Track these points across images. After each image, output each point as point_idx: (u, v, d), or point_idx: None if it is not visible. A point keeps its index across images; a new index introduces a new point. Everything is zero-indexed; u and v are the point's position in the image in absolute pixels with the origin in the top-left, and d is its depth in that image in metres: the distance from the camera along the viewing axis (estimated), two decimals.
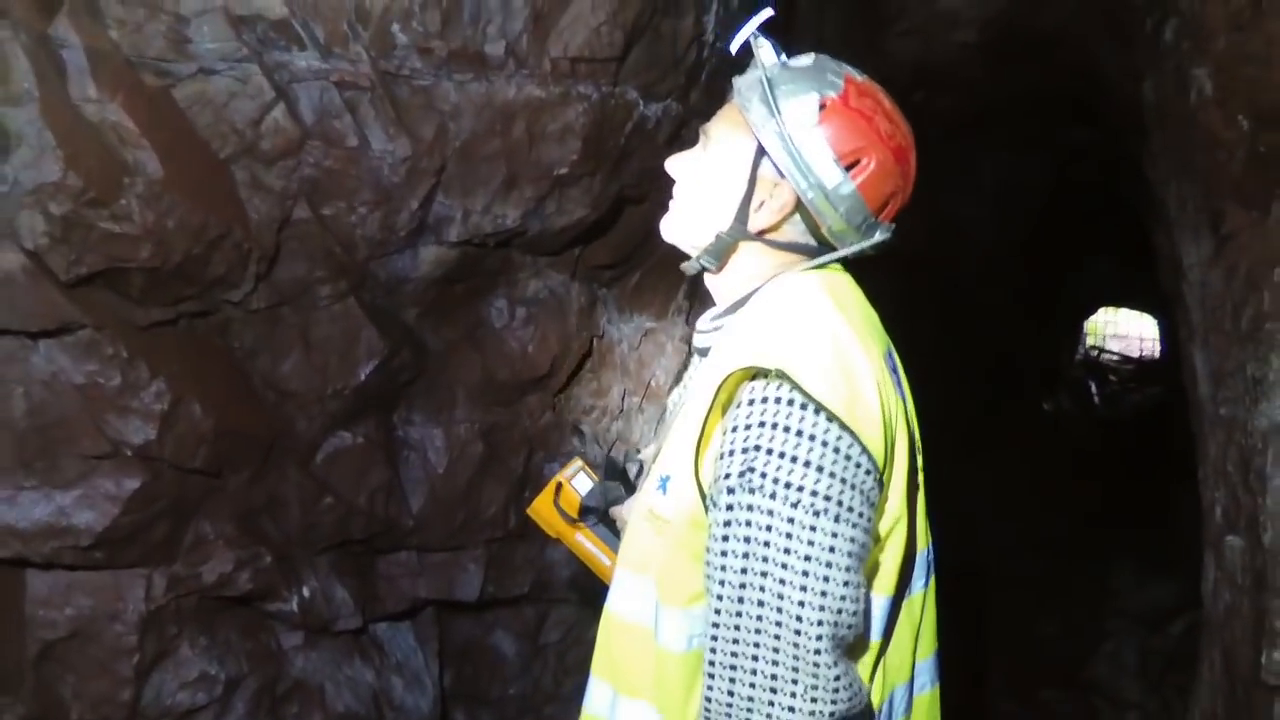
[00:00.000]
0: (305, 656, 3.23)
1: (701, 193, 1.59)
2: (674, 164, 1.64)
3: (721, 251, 1.59)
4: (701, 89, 3.36)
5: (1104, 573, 6.52)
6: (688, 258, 1.66)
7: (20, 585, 2.67)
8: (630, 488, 1.92)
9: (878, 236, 1.56)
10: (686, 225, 1.62)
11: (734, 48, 1.58)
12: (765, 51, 1.56)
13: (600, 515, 1.92)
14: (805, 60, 1.57)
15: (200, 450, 2.77)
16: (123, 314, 2.64)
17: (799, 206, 1.53)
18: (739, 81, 1.58)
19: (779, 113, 1.49)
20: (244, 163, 2.75)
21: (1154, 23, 3.62)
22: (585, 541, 1.94)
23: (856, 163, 1.50)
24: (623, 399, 3.73)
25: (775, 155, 1.50)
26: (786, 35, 4.24)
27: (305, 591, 3.15)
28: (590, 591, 1.95)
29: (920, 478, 1.62)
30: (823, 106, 1.50)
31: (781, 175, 1.51)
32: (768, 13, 1.57)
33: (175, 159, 2.58)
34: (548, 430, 3.56)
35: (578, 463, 1.99)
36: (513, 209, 3.10)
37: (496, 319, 3.38)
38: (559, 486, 1.95)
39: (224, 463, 2.87)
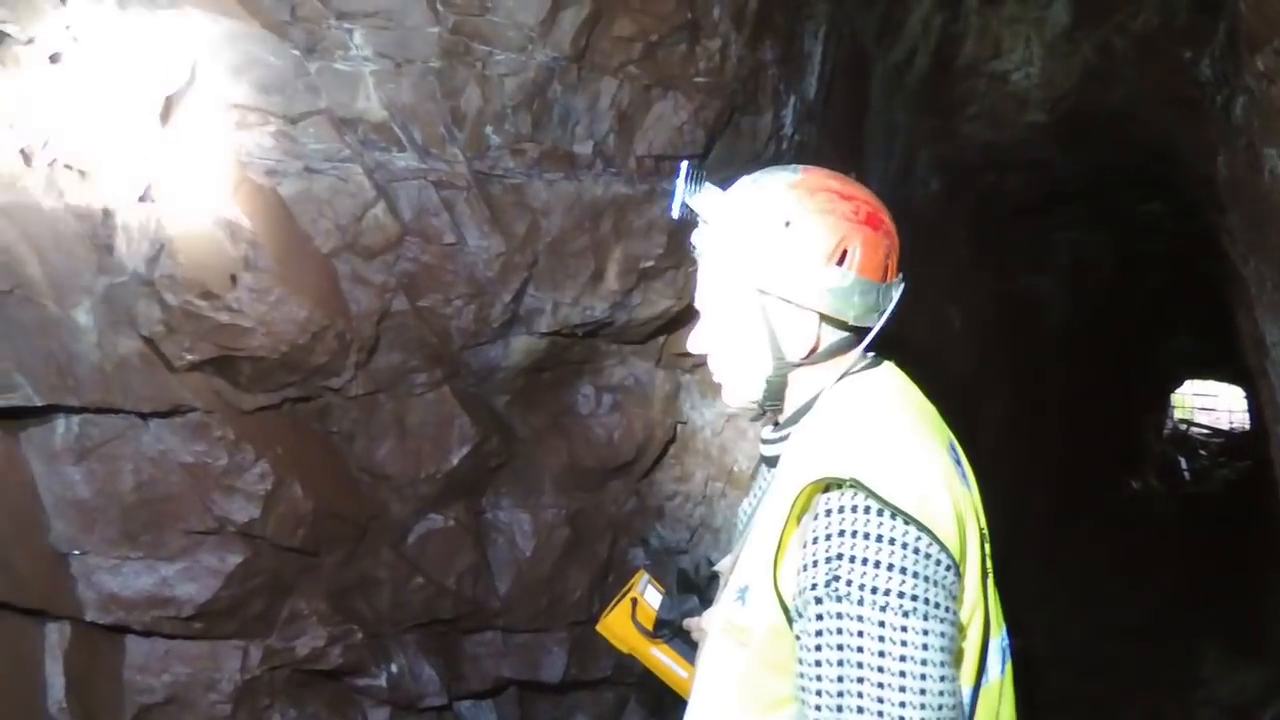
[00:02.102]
0: None
1: (733, 358, 1.60)
2: (694, 345, 1.65)
3: (777, 390, 1.60)
4: None
5: (1191, 658, 6.31)
6: None
7: (120, 651, 2.78)
8: (703, 599, 1.89)
9: (895, 295, 1.57)
10: (739, 388, 1.63)
11: (675, 214, 1.58)
12: (707, 203, 1.56)
13: (674, 629, 1.89)
14: (743, 190, 1.57)
15: (299, 530, 2.89)
16: (230, 398, 2.79)
17: (822, 317, 1.54)
18: (701, 242, 1.58)
19: (753, 253, 1.51)
20: (345, 257, 2.91)
21: (1223, 99, 3.64)
22: (661, 656, 1.90)
23: (844, 253, 1.50)
24: (705, 484, 3.79)
25: (775, 289, 1.51)
26: (858, 124, 4.33)
27: (393, 668, 3.23)
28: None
29: (989, 564, 1.64)
30: (787, 224, 1.50)
31: (789, 302, 1.52)
32: (684, 166, 1.58)
33: (283, 254, 2.75)
34: (632, 516, 3.63)
35: (644, 576, 1.97)
36: (600, 301, 3.21)
37: (583, 406, 3.48)
38: (634, 602, 1.92)
39: (321, 542, 2.99)
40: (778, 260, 1.50)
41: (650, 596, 1.93)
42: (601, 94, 3.02)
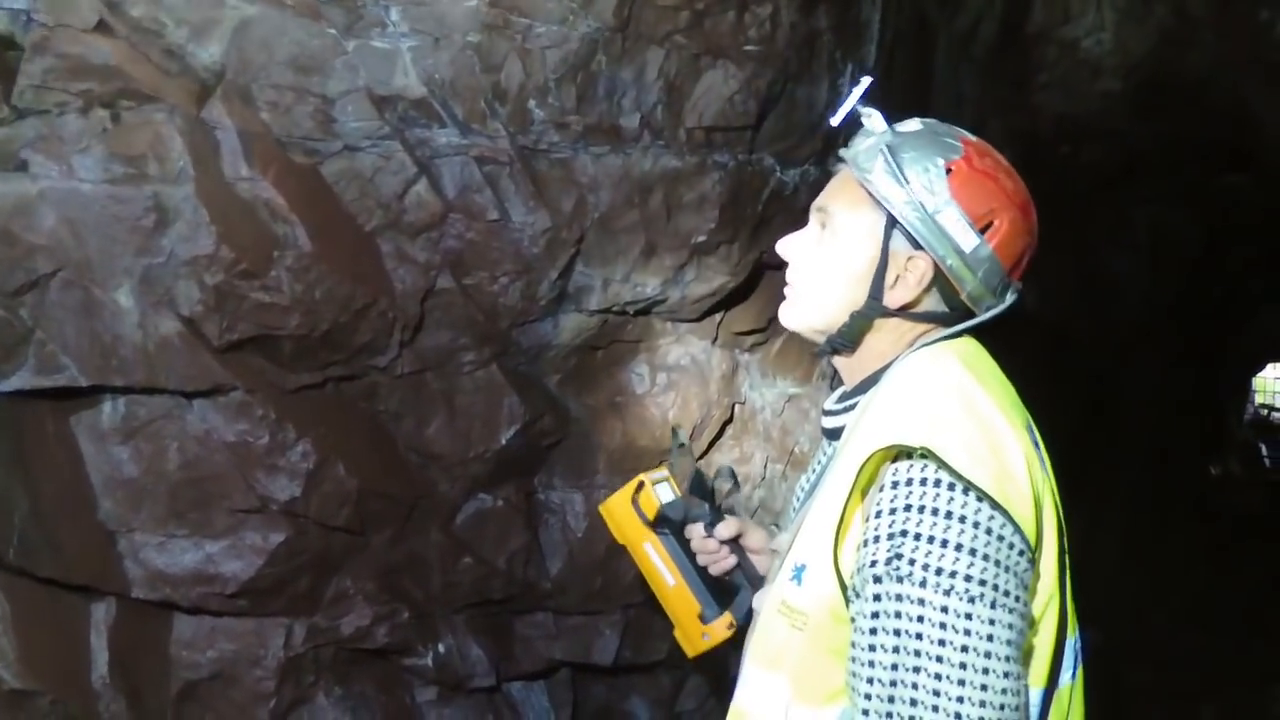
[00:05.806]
0: (439, 713, 3.27)
1: (828, 275, 1.52)
2: (789, 247, 1.56)
3: (857, 332, 1.51)
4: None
5: (1272, 652, 6.10)
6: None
7: (167, 627, 2.83)
8: (714, 508, 1.80)
9: (1010, 298, 1.48)
10: (814, 310, 1.54)
11: (837, 120, 1.54)
12: (876, 120, 1.50)
13: (675, 529, 1.78)
14: (914, 125, 1.51)
15: (344, 509, 2.89)
16: (272, 377, 2.80)
17: (937, 276, 1.46)
18: (851, 154, 1.51)
19: (907, 182, 1.42)
20: (389, 235, 2.89)
21: None
22: (652, 552, 1.79)
23: (990, 224, 1.43)
24: (765, 466, 3.71)
25: (911, 225, 1.43)
26: (924, 95, 4.21)
27: (441, 648, 3.22)
28: (727, 662, 1.87)
29: (1067, 558, 1.53)
30: (949, 170, 1.43)
31: (916, 246, 1.44)
32: (867, 81, 1.54)
33: (323, 232, 2.74)
34: None
35: (663, 471, 1.86)
36: (652, 277, 3.16)
37: (637, 385, 3.42)
38: (641, 485, 1.81)
39: (367, 521, 2.99)
40: (925, 199, 1.43)
41: (661, 490, 1.81)
42: (648, 65, 2.96)
